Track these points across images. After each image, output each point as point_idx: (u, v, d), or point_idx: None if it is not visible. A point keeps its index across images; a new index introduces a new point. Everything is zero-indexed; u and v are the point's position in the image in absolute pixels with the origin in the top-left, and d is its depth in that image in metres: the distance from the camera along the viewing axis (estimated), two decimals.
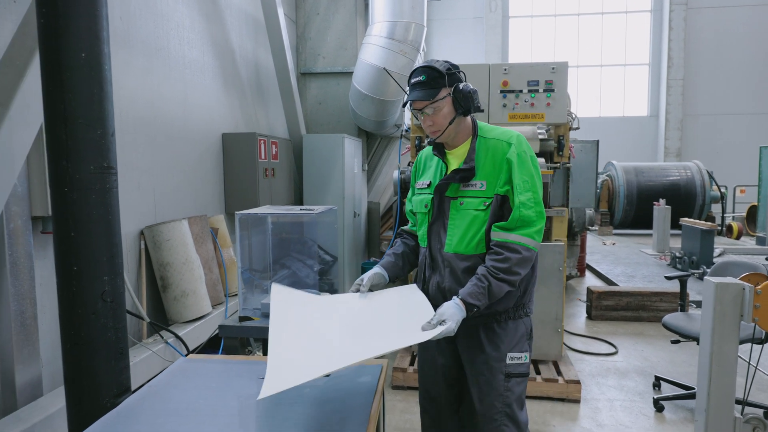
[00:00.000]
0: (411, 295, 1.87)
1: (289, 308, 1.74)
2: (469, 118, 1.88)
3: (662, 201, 8.82)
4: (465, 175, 1.81)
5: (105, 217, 1.84)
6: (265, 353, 2.77)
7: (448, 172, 1.87)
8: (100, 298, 1.83)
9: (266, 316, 2.44)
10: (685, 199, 10.19)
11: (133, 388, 2.20)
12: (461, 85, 1.77)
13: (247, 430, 1.57)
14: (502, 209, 1.80)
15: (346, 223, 6.16)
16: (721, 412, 2.29)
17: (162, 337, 3.28)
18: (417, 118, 1.89)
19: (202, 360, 2.22)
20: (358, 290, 1.88)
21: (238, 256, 2.62)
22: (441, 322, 1.59)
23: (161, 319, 3.64)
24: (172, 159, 3.97)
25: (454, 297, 1.70)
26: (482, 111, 1.86)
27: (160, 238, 3.56)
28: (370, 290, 1.89)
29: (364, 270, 6.84)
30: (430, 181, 1.93)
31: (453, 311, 1.63)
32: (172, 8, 4.02)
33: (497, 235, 1.75)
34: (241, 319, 2.44)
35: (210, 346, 3.84)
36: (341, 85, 6.86)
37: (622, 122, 15.43)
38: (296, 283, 3.22)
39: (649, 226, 9.32)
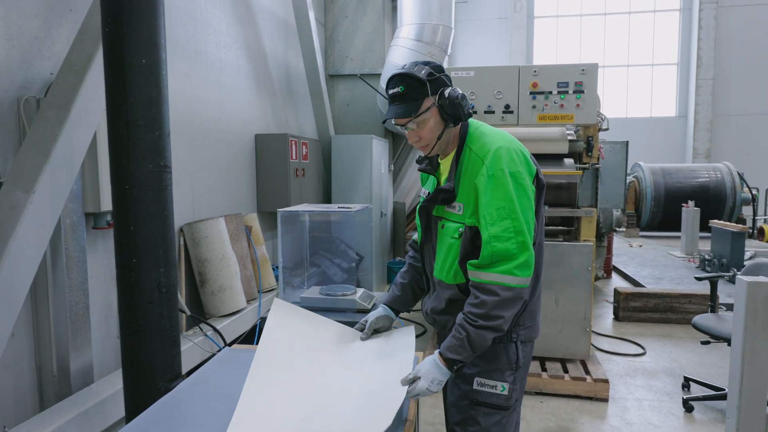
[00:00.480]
0: (402, 343, 1.72)
1: (281, 334, 1.71)
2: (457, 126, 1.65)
3: (691, 203, 8.70)
4: (446, 196, 1.60)
5: (161, 212, 1.97)
6: None
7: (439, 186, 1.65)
8: (156, 289, 1.96)
9: (306, 308, 2.55)
10: (714, 201, 10.02)
11: None
12: (447, 92, 1.54)
13: None
14: (474, 241, 1.55)
15: (374, 223, 6.26)
16: (753, 411, 2.31)
17: (201, 330, 3.42)
18: (399, 132, 1.76)
19: (244, 350, 2.33)
20: (363, 329, 1.80)
21: (279, 252, 2.72)
22: (415, 380, 1.44)
23: (199, 312, 3.79)
24: (208, 159, 4.12)
25: (436, 351, 1.51)
26: (474, 113, 1.66)
27: (199, 234, 3.70)
28: (376, 330, 1.81)
29: (390, 270, 6.93)
30: (429, 192, 1.73)
31: (428, 368, 1.45)
32: (210, 13, 4.17)
33: (472, 275, 1.51)
34: None
35: (244, 342, 3.98)
36: (368, 86, 6.96)
37: (650, 123, 15.21)
38: (326, 281, 3.33)
39: (677, 229, 9.20)
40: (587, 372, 3.70)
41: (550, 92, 3.82)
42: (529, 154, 1.63)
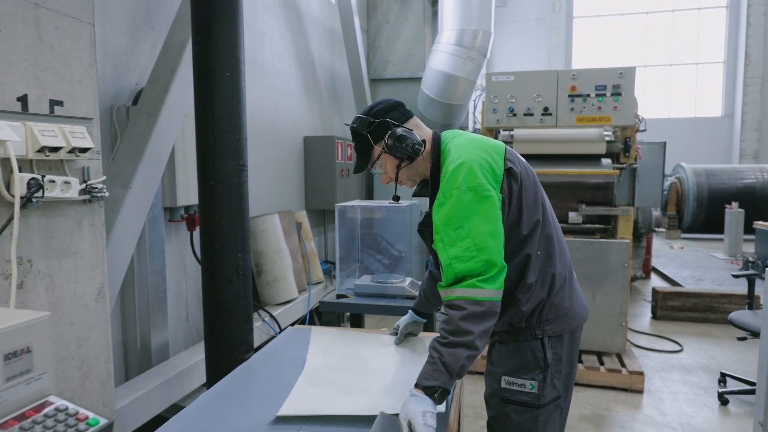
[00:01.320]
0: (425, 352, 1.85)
1: (326, 346, 2.03)
2: (429, 145, 1.63)
3: (735, 204, 8.56)
4: (427, 220, 1.59)
5: (239, 205, 2.27)
6: (352, 326, 3.15)
7: None
8: (235, 272, 2.26)
9: (358, 295, 2.82)
10: (761, 203, 9.78)
11: None
12: (387, 136, 1.55)
13: None
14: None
15: (405, 223, 6.49)
16: None
17: (259, 315, 3.74)
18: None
19: (305, 329, 2.61)
20: (396, 333, 2.01)
21: (336, 242, 3.00)
22: (410, 425, 1.30)
23: (256, 300, 4.11)
24: (263, 159, 4.45)
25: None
26: (420, 149, 1.57)
27: (256, 229, 4.03)
28: (410, 334, 2.03)
29: (427, 266, 7.14)
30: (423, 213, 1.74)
31: (410, 408, 1.32)
32: (266, 24, 4.51)
33: (441, 294, 1.47)
34: (338, 296, 2.83)
35: None
36: (409, 90, 7.21)
37: (694, 123, 14.89)
38: (375, 271, 3.59)
39: (721, 231, 9.05)
40: (623, 364, 3.83)
41: (588, 95, 3.97)
42: (497, 157, 1.55)
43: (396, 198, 1.76)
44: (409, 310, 2.01)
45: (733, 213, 8.45)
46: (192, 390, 2.89)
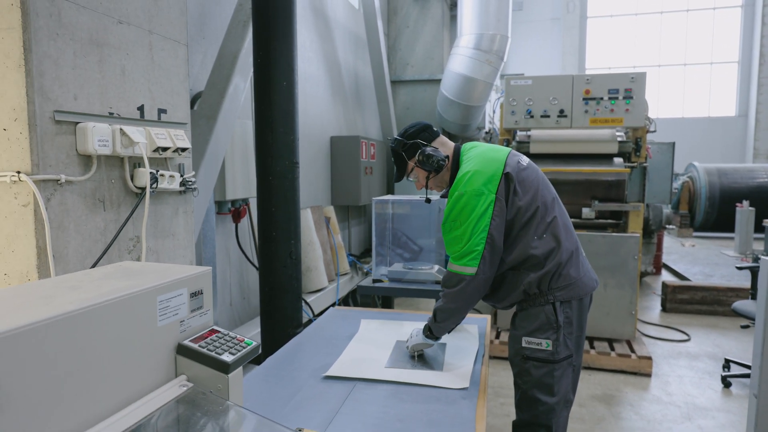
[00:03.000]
0: (469, 332, 2.29)
1: (373, 327, 2.32)
2: (451, 159, 2.03)
3: (746, 202, 8.74)
4: None
5: (292, 197, 2.59)
6: (384, 307, 3.46)
7: None
8: (288, 257, 2.58)
9: (393, 280, 3.14)
10: None
11: None
12: (418, 155, 1.98)
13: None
14: None
15: (432, 218, 6.79)
16: None
17: None
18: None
19: (346, 309, 2.93)
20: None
21: (373, 233, 3.32)
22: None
23: None
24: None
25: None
26: (444, 164, 1.98)
27: None
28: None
29: (446, 262, 7.44)
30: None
31: (416, 340, 2.00)
32: (298, 32, 4.82)
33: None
34: (374, 281, 3.15)
35: None
36: (428, 92, 7.51)
37: (708, 123, 14.99)
38: (406, 259, 3.89)
39: (732, 230, 9.22)
40: (632, 350, 4.10)
41: (602, 98, 4.24)
42: (498, 165, 1.91)
43: (428, 200, 2.17)
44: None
45: (744, 211, 8.63)
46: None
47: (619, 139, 4.33)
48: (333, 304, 4.72)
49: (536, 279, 1.89)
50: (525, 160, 2.03)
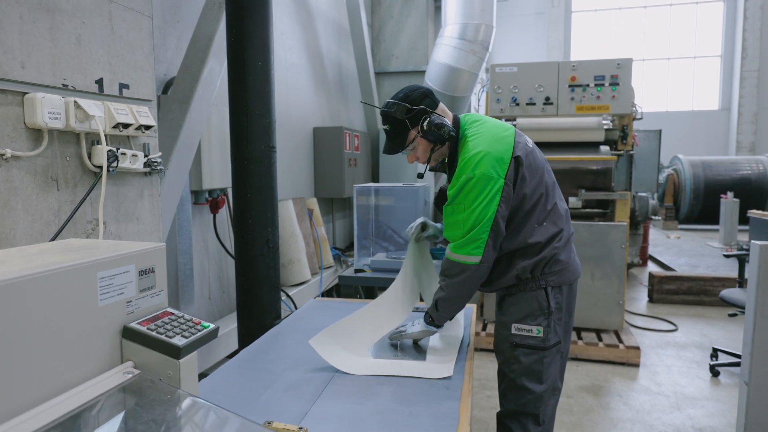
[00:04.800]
0: (452, 330, 2.10)
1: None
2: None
3: (730, 194, 8.79)
4: (444, 195, 1.87)
5: (269, 183, 2.48)
6: (366, 298, 3.37)
7: None
8: (266, 245, 2.47)
9: (375, 270, 3.04)
10: (756, 194, 10.00)
11: None
12: (426, 123, 1.73)
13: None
14: None
15: (418, 210, 6.71)
16: (765, 367, 2.63)
17: None
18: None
19: (327, 300, 2.83)
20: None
21: (355, 221, 3.21)
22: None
23: None
24: (278, 149, 4.65)
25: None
26: (453, 135, 1.78)
27: None
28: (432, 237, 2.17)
29: (433, 255, 7.36)
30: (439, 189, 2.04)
31: (417, 328, 1.91)
32: (278, 19, 4.69)
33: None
34: (356, 271, 3.05)
35: None
36: (412, 83, 7.40)
37: (691, 116, 15.11)
38: (387, 249, 3.80)
39: (717, 222, 9.27)
40: (620, 341, 4.05)
41: (588, 85, 4.18)
42: (507, 147, 1.76)
43: (420, 175, 1.92)
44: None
45: (728, 202, 8.68)
46: (221, 359, 3.10)
47: (605, 126, 4.27)
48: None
49: (531, 264, 1.81)
50: (530, 141, 1.92)
